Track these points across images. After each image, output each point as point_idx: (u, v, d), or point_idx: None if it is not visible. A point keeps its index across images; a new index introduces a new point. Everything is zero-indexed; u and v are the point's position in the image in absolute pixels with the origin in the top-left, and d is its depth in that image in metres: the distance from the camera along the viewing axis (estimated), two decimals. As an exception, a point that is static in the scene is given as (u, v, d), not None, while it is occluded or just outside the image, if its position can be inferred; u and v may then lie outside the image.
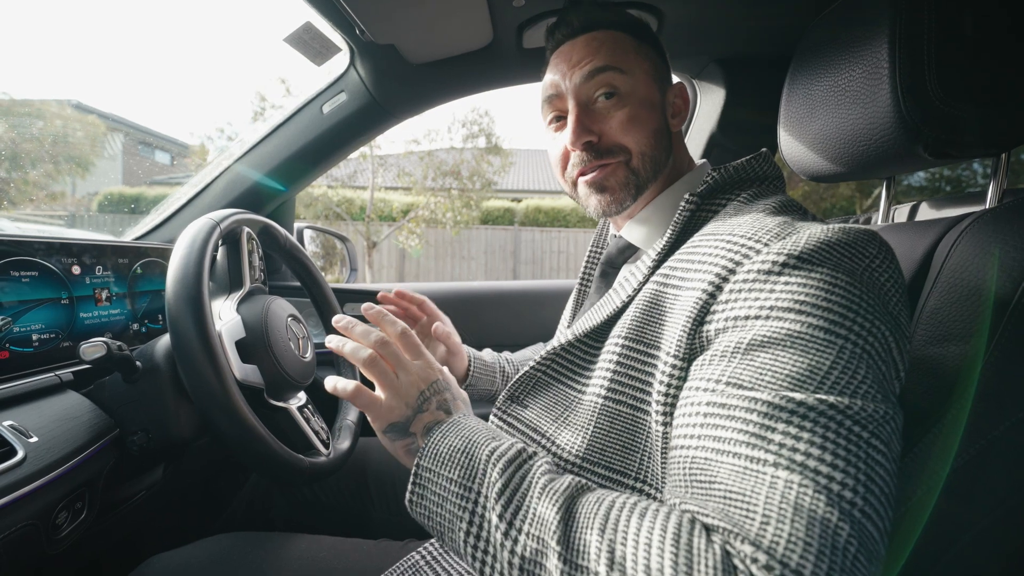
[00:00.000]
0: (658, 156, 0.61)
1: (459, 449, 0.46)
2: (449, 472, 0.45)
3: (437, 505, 0.45)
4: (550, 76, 0.63)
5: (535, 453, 0.46)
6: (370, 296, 1.31)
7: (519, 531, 0.40)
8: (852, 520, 0.32)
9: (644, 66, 0.61)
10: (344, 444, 0.81)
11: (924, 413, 0.49)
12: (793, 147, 0.72)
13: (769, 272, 0.42)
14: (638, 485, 0.49)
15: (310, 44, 0.92)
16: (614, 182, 0.60)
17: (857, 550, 0.32)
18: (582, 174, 0.62)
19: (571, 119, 0.60)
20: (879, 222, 0.77)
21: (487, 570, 0.41)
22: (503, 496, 0.42)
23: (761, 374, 0.38)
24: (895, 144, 0.57)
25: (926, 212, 0.75)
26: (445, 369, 0.56)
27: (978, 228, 0.51)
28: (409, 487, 0.47)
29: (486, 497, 0.43)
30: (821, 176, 0.71)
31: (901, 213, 0.81)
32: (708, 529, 0.35)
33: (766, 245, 0.44)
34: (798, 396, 0.36)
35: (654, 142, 0.60)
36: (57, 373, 0.69)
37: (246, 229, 0.79)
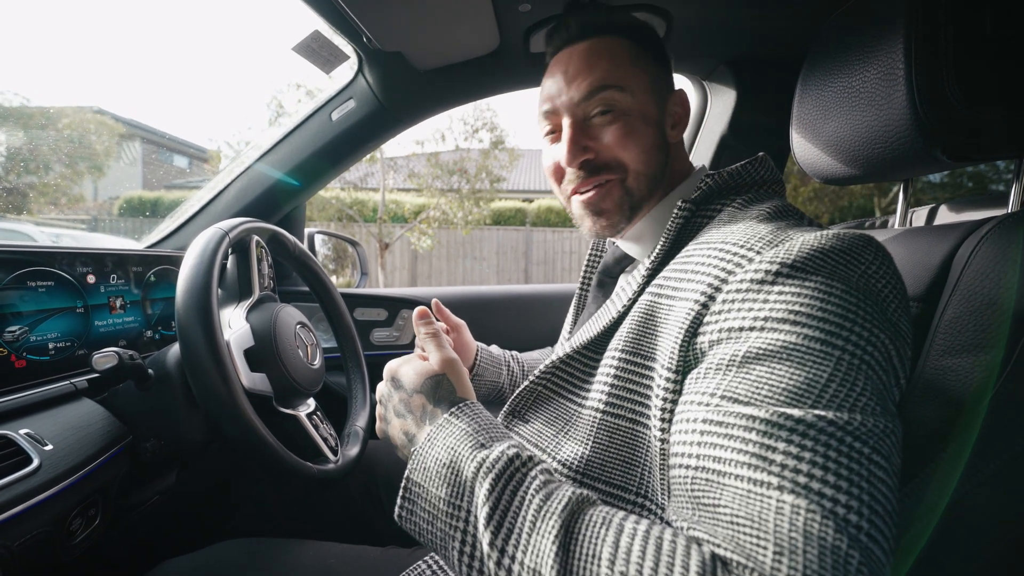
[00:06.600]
0: (654, 173, 0.59)
1: (444, 463, 0.44)
2: (437, 490, 0.44)
3: (427, 522, 0.44)
4: (546, 89, 0.62)
5: (529, 459, 0.44)
6: (381, 300, 1.33)
7: (512, 559, 0.38)
8: (860, 546, 0.31)
9: (643, 79, 0.59)
10: (352, 451, 0.81)
11: (942, 425, 0.47)
12: (806, 149, 0.71)
13: (762, 281, 0.41)
14: (639, 500, 0.48)
15: (318, 52, 0.93)
16: (610, 203, 0.59)
17: None
18: (576, 192, 0.60)
19: (566, 137, 0.58)
20: (896, 225, 0.75)
21: None
22: (493, 520, 0.40)
23: (757, 388, 0.37)
24: (912, 147, 0.55)
25: (946, 215, 0.73)
26: (455, 358, 0.55)
27: (1000, 233, 0.49)
28: (398, 501, 0.47)
29: (476, 517, 0.41)
30: (835, 179, 0.69)
31: (920, 215, 0.79)
32: (724, 563, 0.34)
33: (758, 253, 0.42)
34: (796, 413, 0.35)
35: (650, 159, 0.59)
36: (72, 381, 0.71)
37: (255, 237, 0.80)
